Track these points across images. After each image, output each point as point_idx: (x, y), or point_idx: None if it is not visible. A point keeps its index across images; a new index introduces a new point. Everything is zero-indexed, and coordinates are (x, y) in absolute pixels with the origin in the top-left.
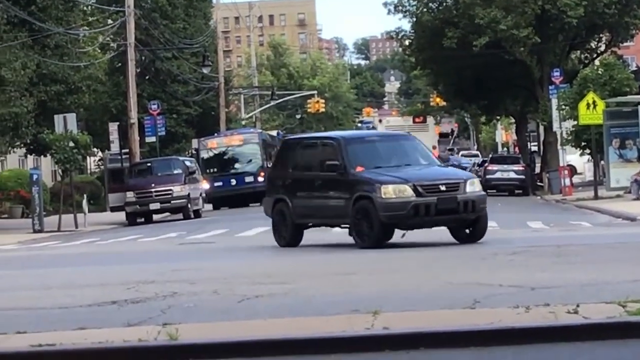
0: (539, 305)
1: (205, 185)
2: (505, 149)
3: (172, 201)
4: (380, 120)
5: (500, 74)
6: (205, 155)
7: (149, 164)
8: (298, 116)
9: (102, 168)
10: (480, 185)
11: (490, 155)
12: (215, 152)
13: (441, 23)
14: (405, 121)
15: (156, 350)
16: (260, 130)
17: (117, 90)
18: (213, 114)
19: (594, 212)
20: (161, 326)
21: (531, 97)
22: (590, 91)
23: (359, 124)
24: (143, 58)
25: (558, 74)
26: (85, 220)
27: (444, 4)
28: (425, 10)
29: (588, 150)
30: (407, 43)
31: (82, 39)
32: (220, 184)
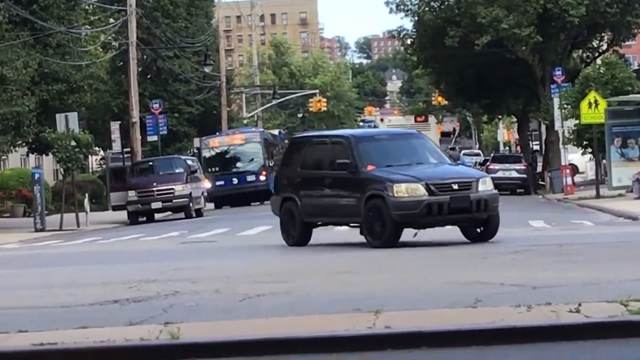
0: (541, 304)
1: (207, 184)
2: (507, 148)
3: (174, 200)
4: (382, 120)
5: (502, 73)
6: (207, 154)
7: (150, 163)
8: (300, 115)
9: (104, 167)
10: (492, 184)
11: (492, 154)
12: (217, 151)
13: (443, 22)
14: (406, 120)
15: (158, 349)
16: (261, 130)
17: (119, 89)
18: (215, 113)
19: (595, 211)
20: (163, 325)
21: (533, 96)
22: (592, 90)
23: (361, 123)
24: (145, 57)
25: (560, 73)
26: (87, 219)
27: (446, 3)
28: (427, 9)
29: (590, 149)
30: (409, 42)
31: (84, 37)
32: (222, 183)
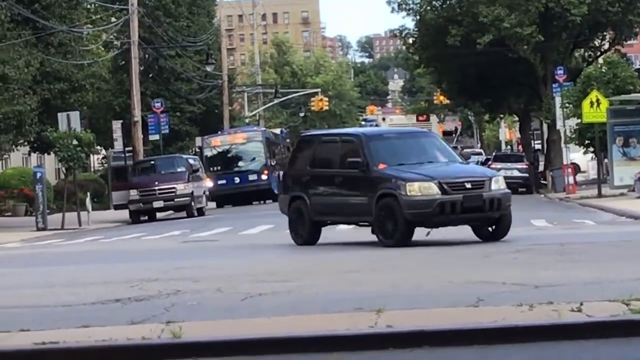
0: (543, 303)
1: (208, 183)
2: (508, 147)
3: (176, 199)
4: (384, 119)
5: (503, 72)
6: (208, 153)
7: (152, 162)
8: (301, 114)
9: (106, 166)
10: (504, 183)
11: (493, 154)
12: (219, 150)
13: (445, 21)
14: (408, 119)
15: (160, 348)
16: (263, 128)
17: (121, 88)
18: (216, 112)
19: (597, 210)
20: (165, 324)
21: (535, 95)
22: (593, 89)
23: (363, 122)
24: (146, 56)
25: (562, 72)
26: (88, 218)
27: (448, 2)
28: (428, 8)
29: (592, 149)
30: (411, 41)
31: (86, 37)
32: (223, 182)
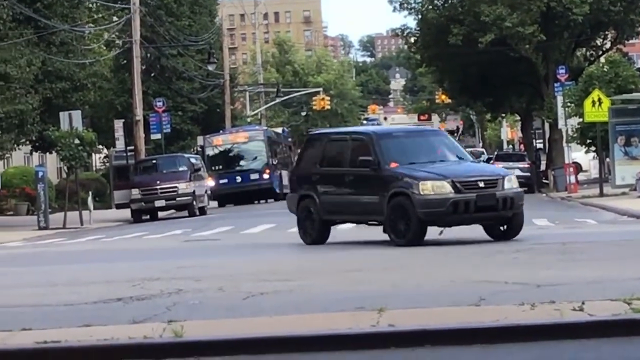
0: (545, 302)
1: (210, 182)
2: (510, 146)
3: (177, 198)
4: (386, 118)
5: (505, 71)
6: (210, 152)
7: (154, 161)
8: (303, 113)
9: (108, 165)
10: (517, 182)
11: (495, 153)
12: (221, 149)
13: (446, 20)
14: (410, 118)
15: (161, 347)
16: (265, 128)
17: (123, 88)
18: (218, 111)
19: (599, 210)
20: (166, 323)
21: (536, 95)
22: (595, 88)
23: (364, 122)
24: (148, 55)
25: (563, 71)
26: (90, 217)
27: (449, 1)
28: (430, 7)
29: (593, 148)
30: (413, 40)
31: (88, 36)
32: (225, 181)
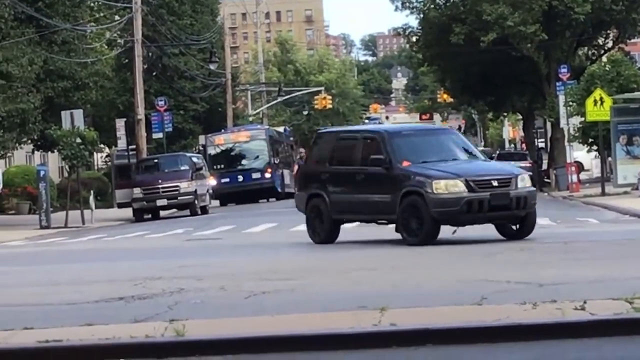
0: (546, 301)
1: (212, 181)
2: (512, 145)
3: (179, 197)
4: (387, 117)
5: (507, 71)
6: (212, 151)
7: (156, 160)
8: (305, 112)
9: (109, 164)
10: (530, 180)
11: (497, 152)
12: (222, 149)
13: (448, 19)
14: (412, 118)
15: (163, 346)
16: (267, 127)
17: (124, 87)
18: (220, 110)
19: (601, 209)
20: (168, 322)
21: (538, 94)
22: (597, 88)
23: (366, 121)
24: (150, 54)
25: (565, 70)
26: (92, 216)
27: (451, 0)
28: (432, 6)
29: (595, 147)
30: (414, 39)
31: (89, 35)
32: (227, 180)
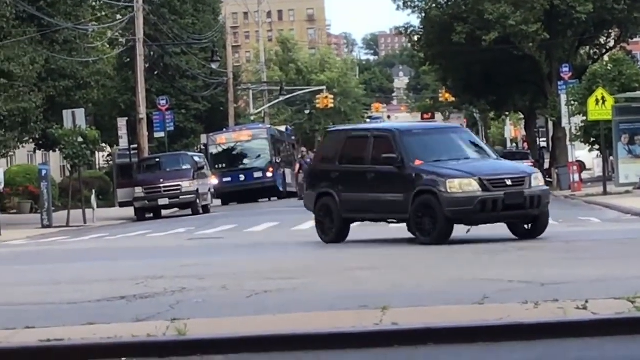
0: (548, 301)
1: (213, 180)
2: (514, 144)
3: (181, 196)
4: (389, 116)
5: (509, 70)
6: (214, 150)
7: (157, 160)
8: (307, 112)
9: (111, 163)
10: (543, 179)
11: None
12: (224, 148)
13: (450, 18)
14: (413, 117)
15: (165, 346)
16: (269, 126)
17: (126, 86)
18: (222, 109)
19: (602, 208)
20: (170, 321)
21: (540, 93)
22: (599, 87)
23: (368, 120)
24: (152, 53)
25: (567, 69)
26: (93, 215)
27: None
28: (434, 5)
29: (597, 146)
30: (416, 38)
31: (91, 34)
32: (229, 179)
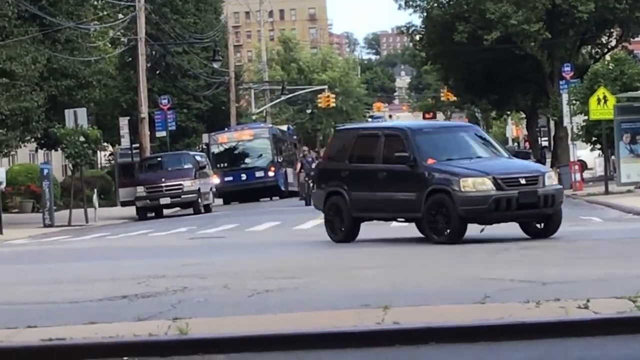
0: (550, 300)
1: (215, 180)
2: (515, 144)
3: (183, 196)
4: (391, 116)
5: (510, 69)
6: (215, 150)
7: (159, 159)
8: (308, 111)
9: (113, 163)
10: (557, 178)
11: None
12: (226, 147)
13: (452, 18)
14: (415, 116)
15: (166, 345)
16: (270, 125)
17: (128, 85)
18: (223, 108)
19: (604, 207)
20: (171, 321)
21: (542, 92)
22: (601, 86)
23: (370, 119)
24: (154, 53)
25: (569, 69)
26: (95, 214)
27: None
28: (435, 5)
29: (599, 146)
30: (418, 38)
31: (93, 33)
32: (230, 178)
